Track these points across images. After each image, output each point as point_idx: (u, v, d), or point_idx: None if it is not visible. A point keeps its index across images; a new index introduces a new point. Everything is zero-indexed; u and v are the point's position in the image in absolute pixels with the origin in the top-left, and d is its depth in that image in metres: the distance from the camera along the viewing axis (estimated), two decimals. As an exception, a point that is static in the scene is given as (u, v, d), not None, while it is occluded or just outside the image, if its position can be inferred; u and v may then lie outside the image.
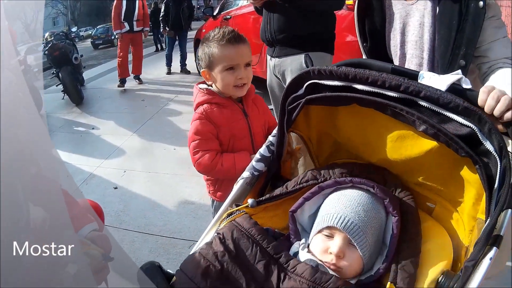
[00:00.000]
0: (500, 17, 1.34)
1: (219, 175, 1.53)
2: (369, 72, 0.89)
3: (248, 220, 0.95)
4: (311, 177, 1.06)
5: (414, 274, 0.86)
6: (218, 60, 1.44)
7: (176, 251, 2.31)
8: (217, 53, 1.43)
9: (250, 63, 1.50)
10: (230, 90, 1.49)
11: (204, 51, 1.48)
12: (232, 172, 1.44)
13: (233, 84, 1.46)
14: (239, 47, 1.44)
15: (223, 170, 1.47)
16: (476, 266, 0.74)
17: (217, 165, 1.47)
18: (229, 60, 1.44)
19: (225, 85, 1.48)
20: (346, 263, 0.89)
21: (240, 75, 1.45)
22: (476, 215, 0.88)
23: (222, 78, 1.46)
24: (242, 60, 1.46)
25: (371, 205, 0.94)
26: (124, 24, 6.51)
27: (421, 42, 1.44)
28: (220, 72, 1.45)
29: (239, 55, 1.45)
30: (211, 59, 1.46)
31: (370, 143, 1.03)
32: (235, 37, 1.44)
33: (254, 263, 0.88)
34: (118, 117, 5.17)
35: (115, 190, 3.17)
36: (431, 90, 0.84)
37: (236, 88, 1.48)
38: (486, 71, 1.34)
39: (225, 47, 1.42)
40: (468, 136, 0.82)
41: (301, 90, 1.02)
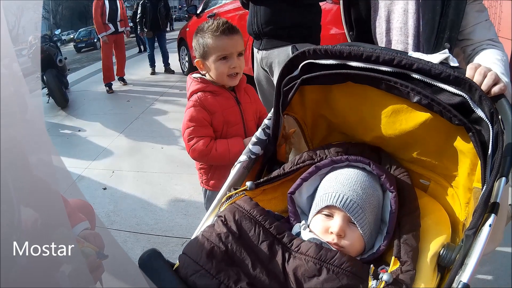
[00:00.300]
0: (481, 1, 1.38)
1: (213, 160, 1.55)
2: (363, 48, 0.92)
3: (249, 201, 0.95)
4: (307, 157, 1.07)
5: (417, 247, 0.87)
6: (212, 50, 1.49)
7: (169, 249, 2.30)
8: (211, 43, 1.48)
9: (242, 52, 1.54)
10: (224, 79, 1.53)
11: (199, 42, 1.52)
12: (226, 157, 1.49)
13: (227, 73, 1.51)
14: (232, 37, 1.49)
15: (218, 155, 1.50)
16: (477, 234, 0.76)
17: (211, 151, 1.50)
18: (223, 50, 1.48)
19: (219, 74, 1.52)
20: (348, 242, 0.90)
21: (234, 64, 1.50)
22: (471, 186, 0.90)
23: (216, 68, 1.51)
24: (235, 50, 1.50)
25: (368, 182, 0.95)
26: (108, 26, 6.36)
27: (406, 28, 1.47)
28: (214, 61, 1.50)
29: (232, 45, 1.49)
30: (205, 49, 1.50)
31: (364, 120, 1.05)
32: (228, 28, 1.48)
33: (258, 243, 0.88)
34: (104, 119, 5.11)
35: (105, 191, 3.13)
36: (423, 62, 0.87)
37: (229, 78, 1.53)
38: (470, 53, 1.38)
39: (219, 38, 1.47)
40: (460, 105, 0.85)
41: (296, 71, 1.03)
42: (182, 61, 7.58)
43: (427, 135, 0.96)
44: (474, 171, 0.89)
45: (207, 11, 6.24)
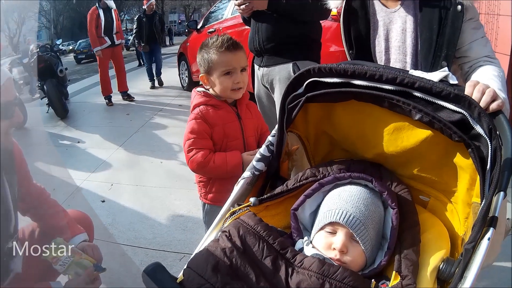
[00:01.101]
0: (478, 18, 1.42)
1: (211, 172, 1.58)
2: (367, 67, 0.95)
3: (253, 217, 0.97)
4: (310, 174, 1.08)
5: (417, 261, 0.89)
6: (216, 65, 1.54)
7: (167, 263, 2.28)
8: (216, 59, 1.53)
9: (245, 68, 1.59)
10: (228, 93, 1.58)
11: (204, 57, 1.56)
12: (223, 169, 1.53)
13: (231, 87, 1.56)
14: (236, 53, 1.55)
15: (215, 167, 1.53)
16: (476, 248, 0.78)
17: (209, 163, 1.52)
18: (227, 65, 1.53)
19: (223, 89, 1.56)
20: (350, 258, 0.92)
21: (237, 79, 1.55)
22: (470, 201, 0.92)
23: (221, 82, 1.55)
24: (239, 65, 1.55)
25: (371, 199, 0.97)
26: (104, 39, 6.20)
27: (404, 47, 1.50)
28: (219, 76, 1.55)
29: (236, 60, 1.54)
30: (210, 65, 1.55)
31: (367, 137, 1.07)
32: (233, 44, 1.54)
33: (262, 259, 0.89)
34: (103, 131, 5.10)
35: (103, 203, 3.11)
36: (425, 80, 0.90)
37: (233, 92, 1.57)
38: (468, 70, 1.41)
39: (223, 54, 1.52)
40: (460, 121, 0.87)
41: (301, 89, 1.05)
42: (181, 76, 7.62)
43: (427, 152, 0.98)
44: (473, 186, 0.91)
45: (208, 27, 6.30)
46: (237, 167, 1.51)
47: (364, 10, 1.56)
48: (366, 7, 1.55)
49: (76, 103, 7.01)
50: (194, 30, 6.82)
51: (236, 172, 1.43)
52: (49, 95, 5.75)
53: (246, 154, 1.55)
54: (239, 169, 1.49)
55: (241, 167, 1.50)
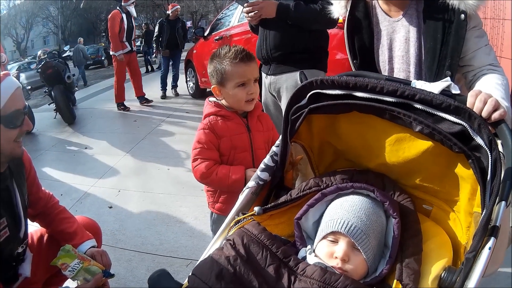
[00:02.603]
0: (481, 27, 1.42)
1: (213, 184, 1.59)
2: (368, 79, 0.97)
3: (257, 226, 0.99)
4: (313, 184, 1.10)
5: (419, 270, 0.90)
6: (230, 76, 1.53)
7: (174, 269, 2.29)
8: (230, 70, 1.52)
9: (257, 78, 1.59)
10: (241, 105, 1.58)
11: (216, 68, 1.56)
12: (225, 182, 1.51)
13: (245, 99, 1.55)
14: (250, 64, 1.55)
15: (217, 179, 1.52)
16: (477, 257, 0.79)
17: (212, 174, 1.52)
18: (242, 77, 1.53)
19: (237, 101, 1.56)
20: (351, 267, 0.93)
21: (251, 90, 1.55)
22: (472, 210, 0.93)
23: (235, 94, 1.55)
24: (253, 76, 1.56)
25: (372, 209, 0.99)
26: (125, 44, 6.31)
27: (407, 56, 1.51)
28: (233, 88, 1.54)
29: (250, 72, 1.54)
30: (224, 76, 1.54)
31: (369, 148, 1.09)
32: (246, 55, 1.53)
33: (265, 267, 0.91)
34: (110, 137, 5.16)
35: (110, 210, 3.14)
36: (425, 92, 0.92)
37: (247, 103, 1.57)
38: (471, 79, 1.41)
39: (238, 65, 1.52)
40: (460, 133, 0.89)
41: (304, 100, 1.08)
42: (189, 83, 7.64)
43: (429, 162, 1.00)
44: (474, 196, 0.93)
45: (214, 34, 6.34)
46: (238, 182, 1.49)
47: (367, 19, 1.56)
48: (370, 16, 1.56)
49: (84, 109, 7.10)
50: (201, 37, 6.85)
51: (237, 187, 1.40)
52: (57, 101, 5.82)
53: (251, 170, 1.52)
54: (240, 184, 1.45)
55: (242, 183, 1.47)
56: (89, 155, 4.56)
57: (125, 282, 2.22)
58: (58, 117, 6.06)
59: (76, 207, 3.19)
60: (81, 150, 4.78)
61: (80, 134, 5.50)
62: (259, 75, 1.59)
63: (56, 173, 4.04)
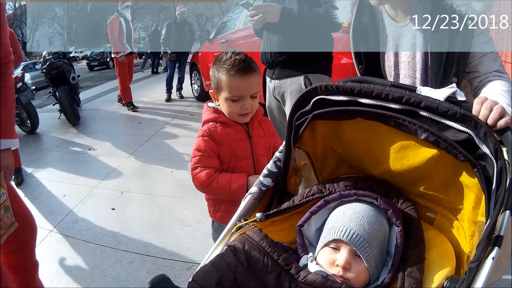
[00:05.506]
0: (487, 32, 1.40)
1: (213, 192, 1.53)
2: (373, 86, 0.95)
3: (258, 233, 0.98)
4: (316, 190, 1.09)
5: (421, 280, 0.89)
6: (224, 88, 1.45)
7: (175, 272, 2.29)
8: (224, 81, 1.43)
9: (257, 94, 1.49)
10: (234, 117, 1.51)
11: (214, 74, 1.48)
12: (226, 190, 1.45)
13: (238, 112, 1.48)
14: (248, 79, 1.43)
15: (218, 187, 1.46)
16: (480, 267, 0.77)
17: (212, 182, 1.46)
18: (235, 92, 1.43)
19: (229, 113, 1.50)
20: (353, 275, 0.92)
21: (245, 106, 1.46)
22: (476, 219, 0.92)
23: (228, 106, 1.48)
24: (248, 92, 1.45)
25: (375, 217, 0.98)
26: (126, 46, 6.47)
27: (414, 62, 1.49)
28: (226, 100, 1.47)
29: (246, 87, 1.44)
30: (219, 84, 1.46)
31: (374, 155, 1.08)
32: (244, 68, 1.41)
33: (266, 274, 0.90)
34: (114, 139, 5.18)
35: (113, 211, 3.15)
36: (431, 100, 0.90)
37: (240, 116, 1.50)
38: (477, 85, 1.40)
39: (233, 78, 1.41)
40: (466, 141, 0.88)
41: (308, 106, 1.07)
42: (193, 85, 7.66)
43: (434, 170, 0.99)
44: (478, 205, 0.91)
45: (220, 37, 6.36)
46: (240, 189, 1.41)
47: (373, 24, 1.55)
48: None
49: (88, 110, 7.14)
50: (206, 40, 6.88)
51: (239, 195, 1.30)
52: (61, 102, 5.86)
53: (253, 177, 1.45)
54: (242, 192, 1.33)
55: (245, 190, 1.38)
56: (93, 156, 4.58)
57: (126, 284, 2.22)
58: (63, 117, 6.10)
59: (79, 208, 3.19)
60: (85, 151, 4.80)
61: (84, 135, 5.52)
62: (259, 90, 1.50)
63: (59, 173, 4.05)
